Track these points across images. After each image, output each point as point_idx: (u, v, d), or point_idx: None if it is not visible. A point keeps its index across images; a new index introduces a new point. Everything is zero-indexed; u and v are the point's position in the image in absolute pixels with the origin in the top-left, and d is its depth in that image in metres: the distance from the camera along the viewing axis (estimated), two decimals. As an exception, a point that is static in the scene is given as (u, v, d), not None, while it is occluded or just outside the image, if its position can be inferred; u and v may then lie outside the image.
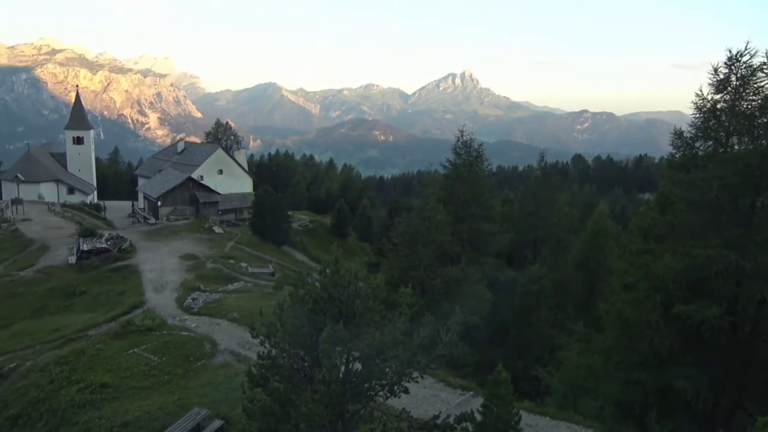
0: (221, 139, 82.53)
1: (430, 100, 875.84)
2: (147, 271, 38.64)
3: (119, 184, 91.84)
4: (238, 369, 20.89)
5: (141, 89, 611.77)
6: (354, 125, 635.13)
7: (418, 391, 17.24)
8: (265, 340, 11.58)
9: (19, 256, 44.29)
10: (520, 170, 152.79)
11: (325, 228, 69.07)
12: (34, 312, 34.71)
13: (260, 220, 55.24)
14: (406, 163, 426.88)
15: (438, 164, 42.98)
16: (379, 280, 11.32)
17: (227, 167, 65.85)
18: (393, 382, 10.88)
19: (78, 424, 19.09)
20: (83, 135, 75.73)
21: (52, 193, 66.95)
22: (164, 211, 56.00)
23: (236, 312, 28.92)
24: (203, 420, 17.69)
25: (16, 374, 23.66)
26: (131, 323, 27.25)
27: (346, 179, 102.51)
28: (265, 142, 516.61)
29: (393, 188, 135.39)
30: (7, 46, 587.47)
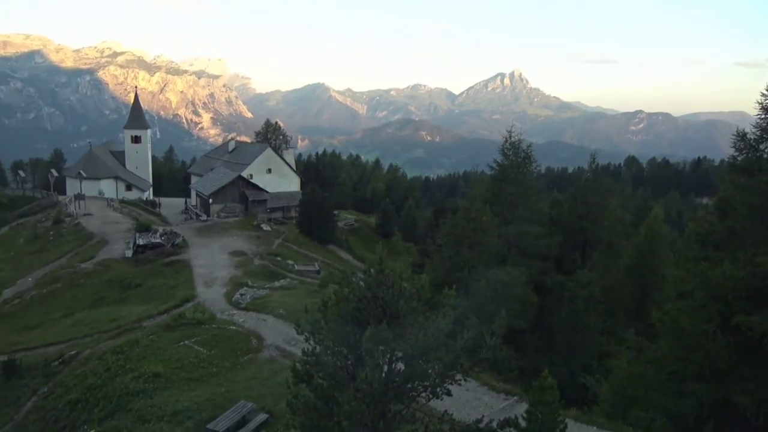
0: (270, 139, 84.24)
1: (478, 101, 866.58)
2: (198, 266, 39.89)
3: (173, 182, 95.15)
4: (283, 364, 21.27)
5: (195, 90, 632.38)
6: (400, 125, 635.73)
7: (461, 393, 17.08)
8: (309, 337, 11.73)
9: (81, 248, 46.61)
10: (569, 172, 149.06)
11: (370, 227, 69.43)
12: (94, 302, 36.46)
13: (307, 219, 56.10)
14: (452, 164, 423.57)
15: (485, 165, 42.47)
16: (423, 280, 11.28)
17: (276, 166, 67.17)
18: (435, 384, 10.83)
19: (132, 411, 19.92)
20: (141, 134, 78.92)
21: (112, 190, 70.09)
22: (215, 208, 57.67)
23: (282, 308, 29.47)
24: (249, 413, 18.12)
25: (76, 361, 24.93)
26: (182, 316, 28.21)
27: (391, 179, 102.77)
28: (313, 141, 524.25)
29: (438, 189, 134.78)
30: (73, 49, 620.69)
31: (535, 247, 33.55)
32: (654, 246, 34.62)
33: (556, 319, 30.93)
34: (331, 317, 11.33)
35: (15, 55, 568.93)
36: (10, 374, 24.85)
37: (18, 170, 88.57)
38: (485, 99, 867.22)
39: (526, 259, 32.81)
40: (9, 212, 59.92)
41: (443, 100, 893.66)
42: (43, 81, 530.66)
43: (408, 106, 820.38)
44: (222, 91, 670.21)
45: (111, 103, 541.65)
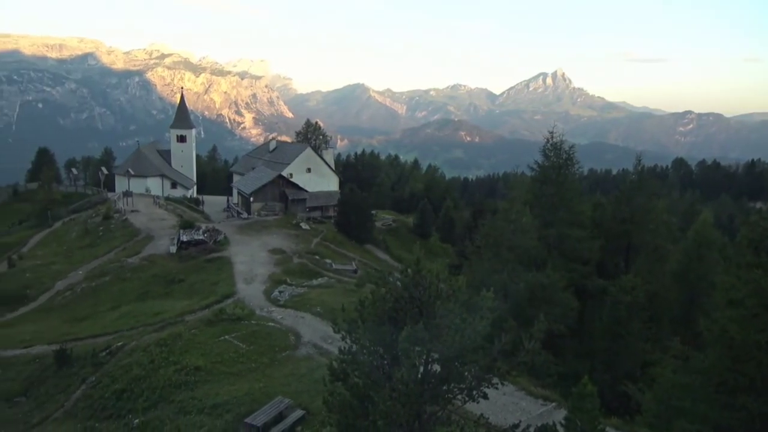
0: (310, 139, 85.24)
1: (519, 101, 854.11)
2: (238, 263, 40.72)
3: (216, 180, 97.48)
4: (320, 362, 21.48)
5: (238, 91, 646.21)
6: (440, 125, 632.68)
7: (498, 397, 16.86)
8: (346, 335, 11.80)
9: (128, 244, 48.29)
10: (613, 174, 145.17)
11: (408, 228, 69.35)
12: (139, 296, 37.73)
13: (345, 218, 56.53)
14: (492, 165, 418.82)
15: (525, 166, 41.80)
16: (460, 282, 11.19)
17: (315, 166, 67.93)
18: (472, 387, 10.72)
19: (174, 402, 20.50)
20: (186, 134, 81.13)
21: (158, 187, 72.33)
22: (256, 206, 58.77)
23: (320, 306, 29.77)
24: (286, 409, 18.36)
25: (122, 352, 25.85)
26: (223, 312, 28.86)
27: (430, 179, 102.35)
28: (352, 141, 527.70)
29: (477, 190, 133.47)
30: (123, 51, 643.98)
31: (576, 251, 32.82)
32: (703, 251, 33.33)
33: (598, 324, 30.15)
34: (368, 317, 11.37)
35: (70, 58, 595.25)
36: (61, 363, 25.98)
37: (71, 168, 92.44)
38: (526, 99, 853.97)
39: (567, 263, 32.12)
40: (63, 208, 62.63)
41: (483, 100, 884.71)
42: (95, 82, 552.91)
43: (447, 107, 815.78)
44: (264, 91, 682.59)
45: (158, 104, 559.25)
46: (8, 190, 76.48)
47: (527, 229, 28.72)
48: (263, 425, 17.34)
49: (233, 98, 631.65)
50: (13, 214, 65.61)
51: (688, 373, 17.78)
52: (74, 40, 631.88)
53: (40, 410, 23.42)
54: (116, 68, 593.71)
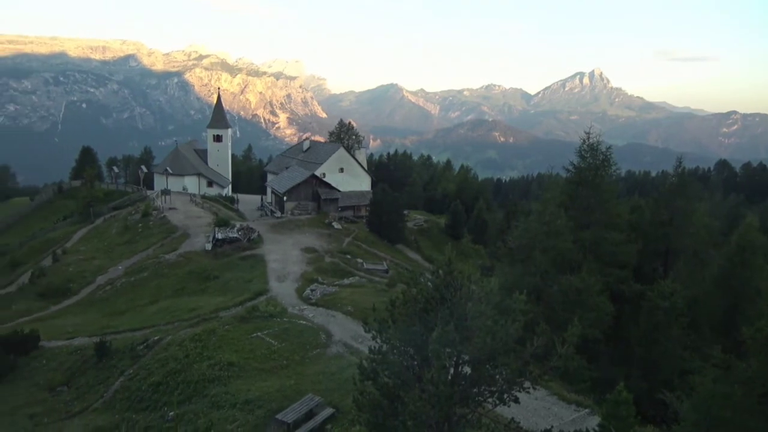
0: (343, 139, 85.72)
1: (555, 101, 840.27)
2: (272, 261, 41.28)
3: (251, 179, 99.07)
4: (350, 361, 21.58)
5: (273, 91, 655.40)
6: (473, 126, 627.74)
7: (529, 402, 16.63)
8: (376, 335, 11.83)
9: (166, 241, 49.53)
10: (652, 176, 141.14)
11: (440, 228, 69.07)
12: (175, 292, 38.66)
13: (377, 218, 56.67)
14: (526, 166, 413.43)
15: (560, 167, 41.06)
16: (492, 284, 11.08)
17: (348, 166, 68.29)
18: (503, 390, 10.61)
19: (207, 396, 20.93)
20: (222, 133, 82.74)
21: (194, 186, 73.96)
22: (289, 205, 59.48)
23: (351, 306, 29.91)
24: (316, 406, 18.52)
25: (158, 346, 26.52)
26: (256, 309, 29.31)
27: (462, 180, 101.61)
28: (385, 141, 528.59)
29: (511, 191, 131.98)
30: (163, 53, 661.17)
31: (612, 254, 32.05)
32: (747, 256, 32.06)
33: (634, 330, 29.38)
34: (399, 317, 11.36)
35: (113, 60, 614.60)
36: (101, 355, 26.84)
37: (112, 166, 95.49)
38: (562, 99, 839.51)
39: (603, 266, 31.40)
40: (104, 205, 64.69)
41: (518, 100, 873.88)
42: (136, 83, 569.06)
43: (481, 107, 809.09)
44: (298, 91, 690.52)
45: (196, 104, 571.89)
46: (53, 187, 79.60)
47: (561, 231, 28.21)
48: (293, 422, 17.53)
49: (268, 98, 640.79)
50: (58, 211, 68.18)
51: (729, 383, 17.15)
52: (117, 42, 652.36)
53: (81, 400, 24.24)
54: (156, 69, 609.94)
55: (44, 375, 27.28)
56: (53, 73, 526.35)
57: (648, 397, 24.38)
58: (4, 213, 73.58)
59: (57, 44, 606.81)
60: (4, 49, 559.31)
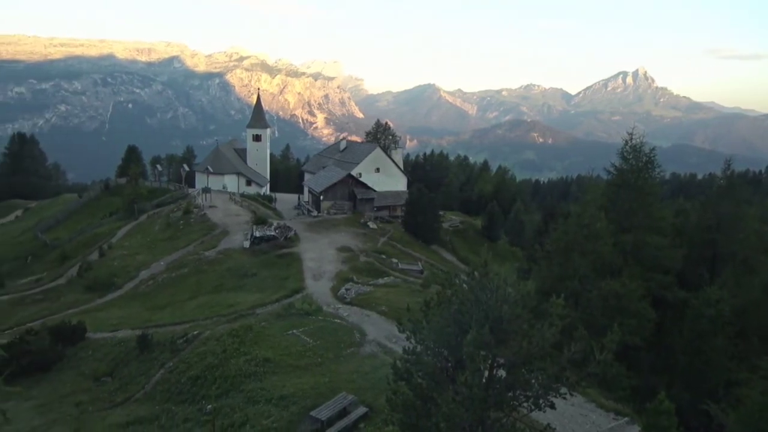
0: (380, 139, 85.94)
1: (596, 101, 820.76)
2: (308, 259, 41.74)
3: (288, 179, 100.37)
4: (384, 360, 21.60)
5: (311, 91, 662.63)
6: (511, 126, 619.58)
7: (566, 408, 16.29)
8: (410, 335, 11.81)
9: (206, 238, 50.72)
10: (699, 178, 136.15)
11: (476, 230, 68.45)
12: (214, 288, 39.54)
13: (412, 218, 56.57)
14: (565, 167, 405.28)
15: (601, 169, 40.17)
16: (529, 287, 10.91)
17: (384, 166, 68.41)
18: (538, 395, 10.43)
19: (243, 391, 21.31)
20: (261, 133, 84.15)
21: (234, 184, 75.47)
22: (325, 205, 60.01)
23: (385, 305, 29.95)
24: (349, 405, 18.61)
25: (197, 340, 27.16)
26: (292, 306, 29.70)
27: (499, 181, 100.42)
28: (421, 142, 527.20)
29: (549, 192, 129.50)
30: (205, 54, 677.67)
31: (655, 259, 31.10)
32: (800, 264, 30.62)
33: (677, 338, 28.42)
34: (433, 318, 11.32)
35: (158, 61, 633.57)
36: (143, 347, 27.68)
37: (156, 165, 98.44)
38: (604, 99, 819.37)
39: (645, 271, 30.50)
40: (148, 202, 66.72)
41: (558, 100, 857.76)
42: (179, 84, 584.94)
43: (520, 107, 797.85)
44: (336, 92, 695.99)
45: (236, 104, 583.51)
46: (100, 184, 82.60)
47: (601, 234, 27.56)
48: (327, 419, 17.67)
49: (306, 99, 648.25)
50: (105, 207, 70.69)
51: (779, 396, 16.42)
52: (162, 45, 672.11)
53: (123, 390, 25.05)
54: (198, 70, 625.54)
55: (90, 365, 28.31)
56: (102, 75, 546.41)
57: (691, 407, 23.55)
58: (54, 209, 76.82)
59: (106, 46, 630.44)
60: (58, 52, 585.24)
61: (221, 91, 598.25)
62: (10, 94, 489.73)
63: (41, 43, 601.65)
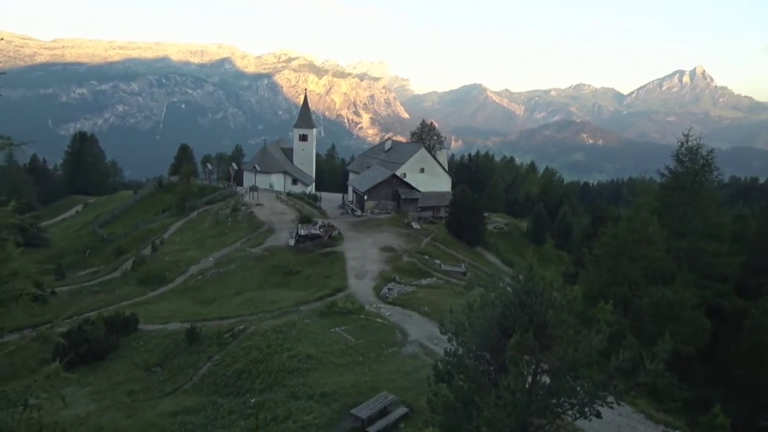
0: (425, 139, 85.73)
1: (650, 101, 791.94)
2: (351, 258, 42.05)
3: (333, 178, 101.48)
4: (425, 361, 21.52)
5: (357, 92, 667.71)
6: (560, 127, 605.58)
7: (613, 418, 15.79)
8: (452, 337, 11.72)
9: (252, 235, 51.90)
10: (761, 182, 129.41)
11: (521, 232, 67.34)
12: (260, 284, 40.40)
13: (456, 219, 56.16)
14: (616, 169, 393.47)
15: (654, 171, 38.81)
16: (576, 292, 10.65)
17: (429, 166, 68.20)
18: (584, 403, 10.15)
19: (286, 387, 21.65)
20: (307, 133, 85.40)
21: (280, 183, 76.88)
22: (369, 204, 60.33)
23: (427, 306, 29.84)
24: (390, 404, 18.64)
25: (243, 335, 27.80)
26: (334, 305, 29.97)
27: (546, 183, 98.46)
28: (467, 142, 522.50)
29: (598, 195, 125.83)
30: (255, 56, 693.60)
31: (711, 266, 29.81)
32: None
33: (734, 349, 27.13)
34: (476, 320, 11.20)
35: (209, 63, 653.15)
36: (191, 340, 28.56)
37: (206, 163, 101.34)
38: (659, 99, 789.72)
39: (700, 279, 29.27)
40: (198, 200, 68.87)
41: (609, 100, 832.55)
42: (230, 85, 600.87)
43: (569, 107, 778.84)
44: (382, 92, 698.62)
45: (284, 104, 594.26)
46: (154, 182, 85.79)
47: (654, 239, 26.58)
48: (368, 418, 17.74)
49: (352, 99, 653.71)
50: (158, 204, 73.42)
51: None
52: (214, 47, 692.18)
53: (172, 381, 25.90)
54: (248, 71, 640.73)
55: (141, 355, 29.42)
56: (157, 76, 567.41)
57: (749, 423, 22.45)
58: (111, 205, 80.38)
59: (161, 49, 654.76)
60: (117, 55, 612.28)
61: (269, 92, 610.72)
62: (73, 95, 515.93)
63: (102, 46, 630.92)
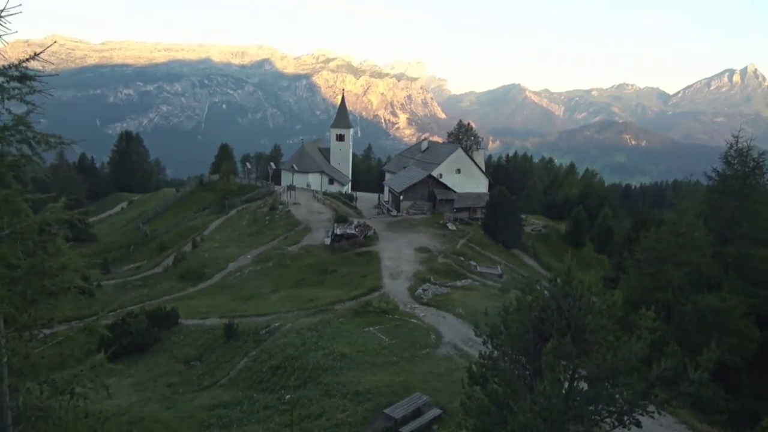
0: (462, 140, 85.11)
1: (697, 101, 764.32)
2: (386, 258, 42.13)
3: (369, 178, 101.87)
4: (459, 363, 21.38)
5: (394, 92, 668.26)
6: (601, 128, 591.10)
7: (654, 428, 15.30)
8: (487, 340, 11.60)
9: (289, 233, 52.61)
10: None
11: (559, 235, 66.02)
12: (296, 282, 40.91)
13: (492, 221, 55.54)
14: (660, 172, 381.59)
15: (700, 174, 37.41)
16: (616, 297, 10.38)
17: (465, 167, 67.70)
18: (623, 411, 9.89)
19: (320, 384, 21.87)
20: (344, 133, 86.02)
21: (317, 183, 77.71)
22: (405, 204, 60.30)
23: (462, 308, 29.63)
24: (423, 405, 18.59)
25: (279, 332, 28.21)
26: (369, 304, 30.08)
27: (586, 185, 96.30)
28: (504, 143, 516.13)
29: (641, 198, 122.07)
30: (294, 57, 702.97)
31: (761, 273, 28.51)
32: None
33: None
34: (512, 323, 11.05)
35: (250, 64, 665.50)
36: (229, 336, 29.17)
37: (245, 162, 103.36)
38: (706, 99, 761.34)
39: (748, 286, 28.03)
40: (237, 198, 70.25)
41: (653, 100, 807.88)
42: (269, 85, 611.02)
43: (611, 107, 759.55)
44: (419, 92, 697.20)
45: (321, 105, 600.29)
46: (195, 180, 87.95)
47: (699, 244, 25.65)
48: (401, 418, 17.74)
49: (389, 99, 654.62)
50: (199, 202, 75.23)
51: None
52: (254, 48, 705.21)
53: (210, 375, 26.50)
54: (287, 72, 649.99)
55: (181, 349, 30.21)
56: (199, 77, 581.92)
57: (799, 438, 21.36)
58: (155, 202, 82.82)
59: (203, 50, 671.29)
60: (161, 56, 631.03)
61: (308, 92, 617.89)
62: (120, 96, 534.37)
63: (148, 48, 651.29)
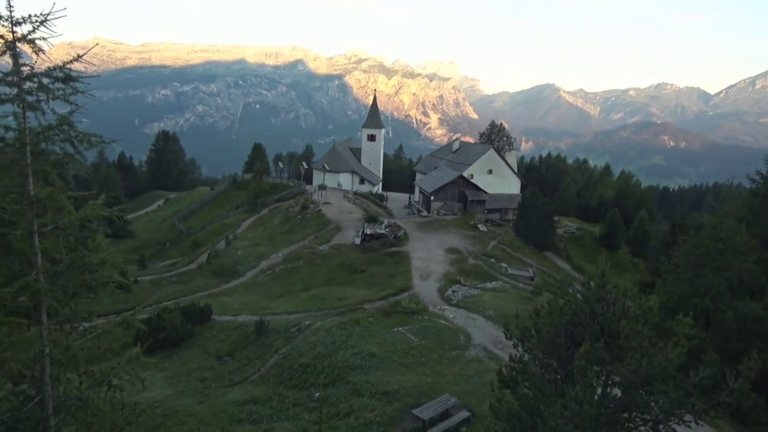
0: (494, 140, 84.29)
1: (740, 101, 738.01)
2: (416, 259, 42.05)
3: (400, 178, 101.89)
4: (489, 366, 21.19)
5: (426, 92, 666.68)
6: (638, 128, 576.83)
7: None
8: (518, 343, 11.47)
9: (320, 233, 53.04)
10: None
11: (593, 237, 64.72)
12: (326, 281, 41.22)
13: (524, 223, 54.81)
14: (700, 174, 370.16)
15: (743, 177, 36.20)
16: (652, 302, 10.11)
17: (497, 167, 67.06)
18: (658, 420, 9.63)
19: (349, 383, 21.98)
20: (376, 133, 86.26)
21: (348, 182, 78.14)
22: (435, 205, 60.08)
23: (492, 310, 29.35)
24: (452, 407, 18.51)
25: (308, 330, 28.48)
26: (398, 304, 30.08)
27: (622, 187, 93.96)
28: (537, 144, 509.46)
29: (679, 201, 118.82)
30: (327, 57, 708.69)
31: (807, 280, 27.35)
32: None
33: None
34: (543, 327, 10.89)
35: (283, 64, 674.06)
36: (260, 333, 29.59)
37: (278, 162, 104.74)
38: (750, 99, 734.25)
39: (793, 294, 26.94)
40: (269, 197, 71.24)
41: (693, 100, 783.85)
42: (302, 86, 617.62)
43: (649, 108, 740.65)
44: (451, 92, 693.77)
45: (353, 105, 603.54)
46: (229, 179, 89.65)
47: (741, 249, 24.77)
48: (429, 419, 17.69)
49: (421, 99, 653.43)
50: (232, 200, 76.63)
51: None
52: (287, 49, 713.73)
53: (242, 371, 26.93)
54: (320, 73, 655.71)
55: (214, 345, 30.79)
56: (234, 78, 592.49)
57: None
58: (190, 200, 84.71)
59: (238, 51, 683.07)
60: (197, 57, 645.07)
61: (340, 92, 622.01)
62: (158, 96, 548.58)
63: (184, 49, 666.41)
